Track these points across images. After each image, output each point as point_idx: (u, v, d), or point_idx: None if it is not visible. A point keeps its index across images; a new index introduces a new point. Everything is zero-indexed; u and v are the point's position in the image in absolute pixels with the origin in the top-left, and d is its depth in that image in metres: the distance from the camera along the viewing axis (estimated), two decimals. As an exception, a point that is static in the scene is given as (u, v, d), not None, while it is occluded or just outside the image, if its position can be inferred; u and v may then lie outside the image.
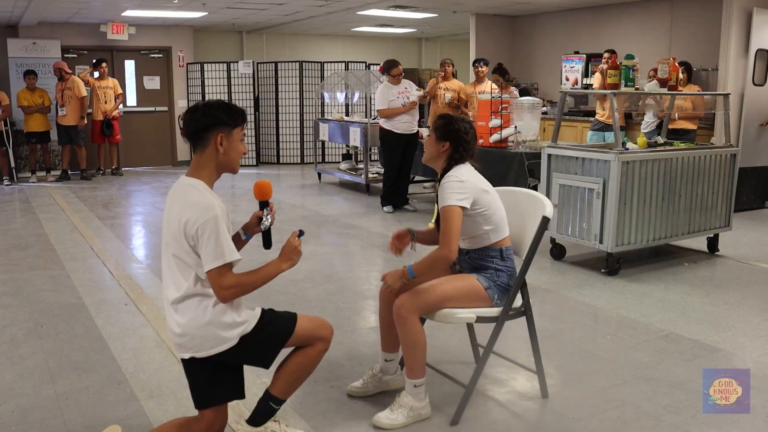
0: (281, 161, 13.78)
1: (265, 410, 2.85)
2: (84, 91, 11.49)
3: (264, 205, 2.87)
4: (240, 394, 2.81)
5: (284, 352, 2.85)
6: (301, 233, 2.83)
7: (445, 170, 3.26)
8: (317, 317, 2.92)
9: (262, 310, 2.78)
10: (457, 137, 3.27)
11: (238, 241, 2.92)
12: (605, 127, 8.72)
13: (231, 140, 2.68)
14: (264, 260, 2.79)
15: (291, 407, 3.36)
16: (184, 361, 2.72)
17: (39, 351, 4.14)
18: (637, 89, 5.81)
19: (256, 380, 3.52)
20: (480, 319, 3.20)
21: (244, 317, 2.69)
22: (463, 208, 3.12)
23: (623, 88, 5.72)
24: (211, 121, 2.65)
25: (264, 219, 2.86)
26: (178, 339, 2.67)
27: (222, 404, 2.78)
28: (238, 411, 3.25)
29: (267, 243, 2.89)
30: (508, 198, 3.52)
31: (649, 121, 8.79)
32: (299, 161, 13.77)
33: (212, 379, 2.72)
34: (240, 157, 2.76)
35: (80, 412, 3.37)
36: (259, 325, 2.71)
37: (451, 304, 3.15)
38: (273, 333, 2.74)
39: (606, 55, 8.60)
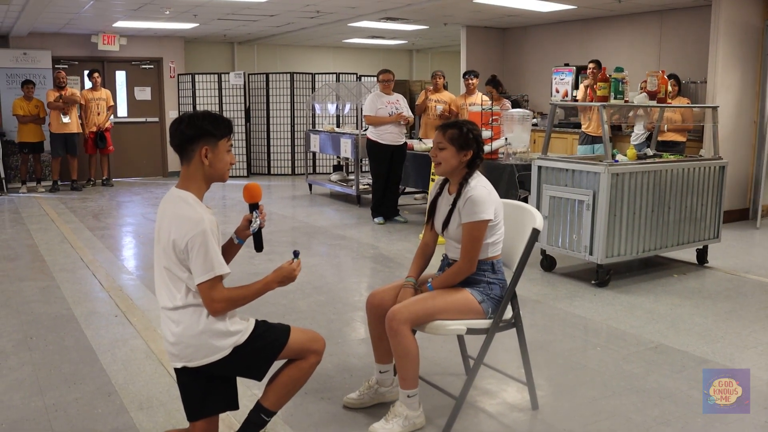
0: (272, 172, 13.78)
1: (256, 422, 2.84)
2: (81, 100, 11.53)
3: (254, 207, 2.88)
4: (233, 406, 2.81)
5: (277, 364, 2.85)
6: (296, 254, 2.84)
7: (465, 178, 3.27)
8: (310, 330, 2.93)
9: (256, 321, 2.79)
10: (477, 143, 3.29)
11: (232, 246, 2.94)
12: (592, 140, 8.81)
13: (217, 152, 2.67)
14: (253, 272, 2.79)
15: (281, 419, 3.35)
16: (176, 371, 2.73)
17: (28, 363, 4.12)
18: (626, 102, 5.84)
19: (247, 392, 3.51)
20: (470, 331, 3.20)
21: (238, 327, 2.69)
22: (489, 220, 3.16)
23: (612, 101, 5.76)
24: (196, 133, 2.64)
25: (253, 221, 2.87)
26: (172, 348, 2.67)
27: (214, 416, 2.78)
28: (228, 423, 3.24)
29: (258, 245, 2.92)
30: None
31: (638, 133, 8.85)
32: (290, 172, 13.78)
33: (205, 390, 2.72)
34: (228, 168, 2.75)
35: (69, 424, 3.36)
36: (252, 336, 2.71)
37: (445, 316, 3.16)
38: (266, 345, 2.74)
39: (591, 65, 8.66)
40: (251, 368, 2.75)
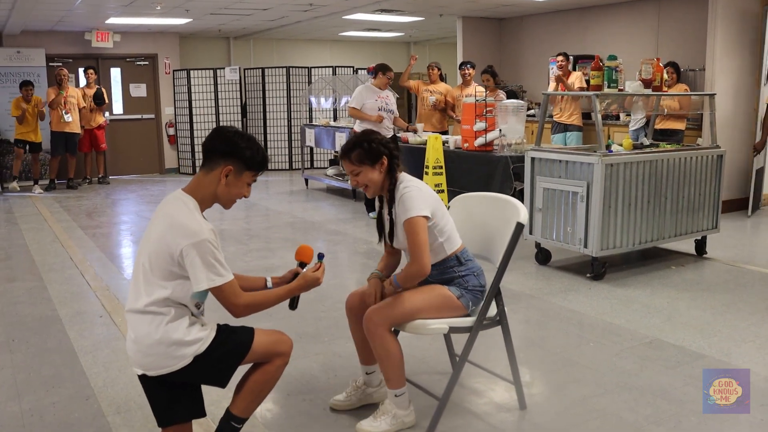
0: (269, 167, 13.63)
1: (226, 429, 2.74)
2: (83, 102, 11.46)
3: (302, 265, 2.91)
4: (200, 413, 2.72)
5: (244, 368, 2.76)
6: (321, 256, 2.88)
7: (392, 186, 3.13)
8: (275, 331, 2.82)
9: (218, 326, 2.69)
10: (384, 146, 3.12)
11: (258, 283, 2.94)
12: (564, 128, 9.07)
13: (238, 179, 2.62)
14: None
15: (261, 422, 3.27)
16: (138, 377, 2.64)
17: (8, 366, 4.04)
18: (620, 90, 5.72)
19: (227, 393, 3.41)
20: (453, 330, 3.11)
21: (198, 336, 2.58)
22: (426, 217, 3.02)
23: (606, 90, 5.64)
24: (229, 150, 2.58)
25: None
26: (130, 353, 2.61)
27: (185, 422, 2.69)
28: (206, 427, 3.15)
29: (293, 303, 2.90)
30: (482, 204, 3.45)
31: (636, 119, 8.75)
32: (287, 167, 13.68)
33: (171, 397, 2.64)
34: (239, 198, 2.69)
35: (44, 429, 3.27)
36: (214, 343, 2.61)
37: (424, 315, 3.05)
38: (228, 351, 2.64)
39: (560, 58, 8.68)
40: (213, 376, 2.65)
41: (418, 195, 3.05)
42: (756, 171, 8.19)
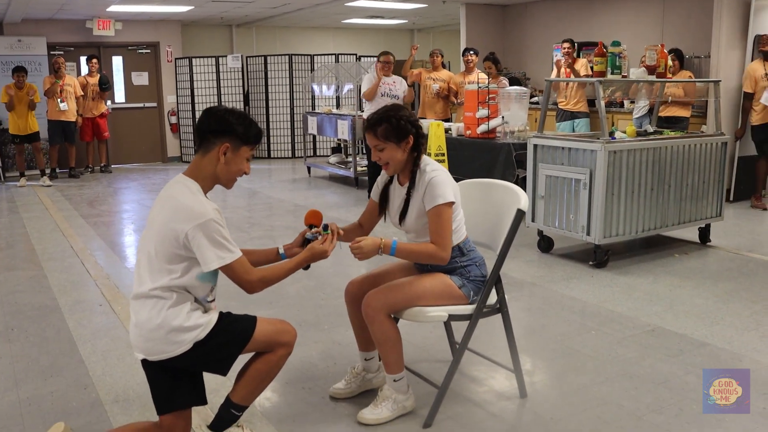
0: (272, 156, 13.63)
1: (226, 417, 2.73)
2: (80, 90, 11.41)
3: (312, 227, 2.92)
4: (201, 400, 2.70)
5: (245, 357, 2.73)
6: (326, 227, 2.88)
7: (415, 165, 3.07)
8: (279, 320, 2.79)
9: (220, 314, 2.67)
10: (411, 124, 3.03)
11: (271, 256, 2.93)
12: (571, 115, 9.00)
13: (236, 155, 2.60)
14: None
15: (260, 410, 3.25)
16: (141, 362, 2.64)
17: (6, 355, 4.02)
18: (624, 77, 5.66)
19: (226, 382, 3.39)
20: (453, 318, 3.07)
21: (198, 322, 2.56)
22: (453, 203, 2.97)
23: (610, 76, 5.58)
24: (223, 128, 2.57)
25: (310, 234, 2.90)
26: (132, 338, 2.60)
27: (184, 410, 2.67)
28: (204, 415, 3.13)
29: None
30: (482, 191, 3.41)
31: (640, 106, 8.68)
32: (290, 155, 13.64)
33: (171, 383, 2.62)
34: (239, 175, 2.66)
35: (42, 418, 3.25)
36: (214, 330, 2.59)
37: (423, 302, 3.01)
38: (229, 339, 2.62)
39: (566, 45, 8.61)
40: (214, 363, 2.63)
41: (448, 180, 3.00)
42: (739, 158, 8.13)
